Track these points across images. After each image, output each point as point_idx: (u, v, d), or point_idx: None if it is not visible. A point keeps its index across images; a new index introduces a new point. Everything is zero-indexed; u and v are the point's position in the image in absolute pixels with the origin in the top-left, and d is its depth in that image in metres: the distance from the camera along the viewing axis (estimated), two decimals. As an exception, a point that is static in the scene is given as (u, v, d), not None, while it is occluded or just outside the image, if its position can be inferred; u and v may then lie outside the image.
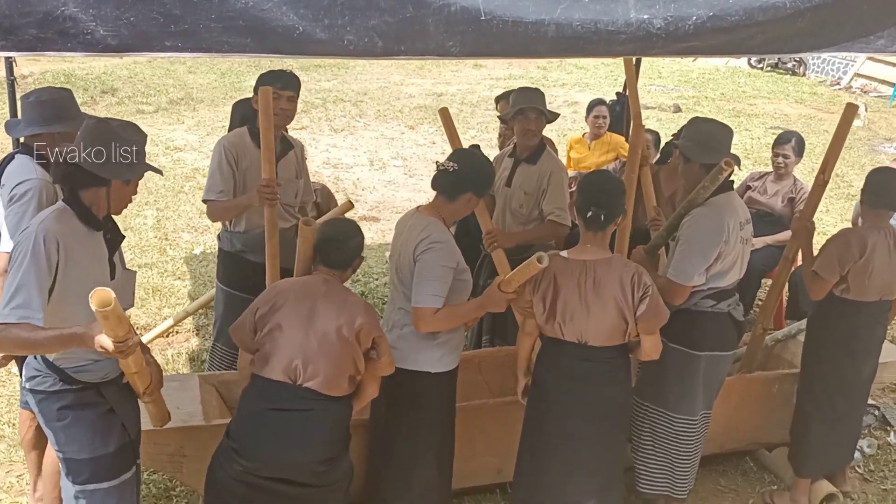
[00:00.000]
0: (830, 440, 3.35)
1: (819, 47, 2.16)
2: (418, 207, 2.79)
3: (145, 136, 2.35)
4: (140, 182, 2.39)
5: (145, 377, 2.27)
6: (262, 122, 2.94)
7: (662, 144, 4.67)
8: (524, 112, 3.59)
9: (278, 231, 3.10)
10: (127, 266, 2.54)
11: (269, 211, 3.04)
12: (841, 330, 3.24)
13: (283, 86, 3.22)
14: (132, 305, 2.56)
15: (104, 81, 10.96)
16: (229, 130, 3.81)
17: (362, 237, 2.61)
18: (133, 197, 2.38)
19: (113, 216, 2.41)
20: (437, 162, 2.75)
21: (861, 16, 2.10)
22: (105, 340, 1.94)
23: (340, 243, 2.54)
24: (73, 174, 2.24)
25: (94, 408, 2.36)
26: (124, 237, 2.48)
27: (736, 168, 2.91)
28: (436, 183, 2.71)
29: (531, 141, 3.64)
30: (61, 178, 2.31)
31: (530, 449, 2.78)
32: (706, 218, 2.89)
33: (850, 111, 3.30)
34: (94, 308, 1.85)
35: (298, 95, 3.35)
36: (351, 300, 2.51)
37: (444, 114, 3.54)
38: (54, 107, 2.79)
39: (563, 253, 2.65)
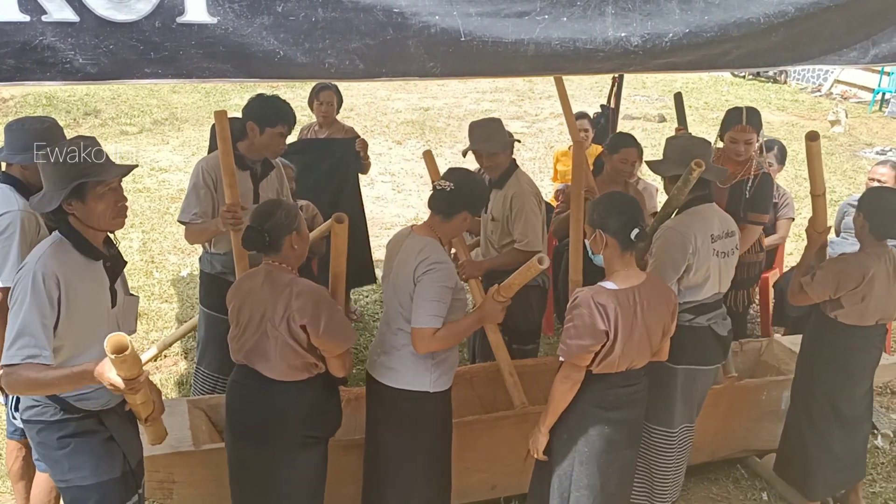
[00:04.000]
0: (832, 460, 3.31)
1: (794, 61, 2.18)
2: (412, 227, 2.79)
3: (94, 139, 2.36)
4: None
5: (150, 406, 2.26)
6: (221, 147, 2.99)
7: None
8: (474, 152, 3.67)
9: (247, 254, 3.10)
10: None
11: (234, 236, 3.05)
12: (835, 353, 3.20)
13: (281, 122, 3.33)
14: (134, 331, 2.54)
15: (87, 103, 10.92)
16: (209, 152, 3.80)
17: (286, 213, 2.51)
18: (120, 207, 2.29)
19: (116, 244, 2.41)
20: (433, 181, 2.75)
21: (834, 30, 2.12)
22: (116, 380, 1.96)
23: (254, 230, 2.50)
24: (53, 211, 2.22)
25: (96, 435, 2.34)
26: (126, 263, 2.46)
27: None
28: (431, 202, 2.72)
29: (493, 174, 3.66)
30: (47, 217, 2.29)
31: (569, 490, 2.65)
32: (672, 231, 2.94)
33: (815, 146, 3.16)
34: (110, 355, 1.86)
35: (293, 128, 3.43)
36: (283, 290, 2.46)
37: (428, 156, 3.61)
38: (38, 135, 2.77)
39: (609, 284, 2.52)
